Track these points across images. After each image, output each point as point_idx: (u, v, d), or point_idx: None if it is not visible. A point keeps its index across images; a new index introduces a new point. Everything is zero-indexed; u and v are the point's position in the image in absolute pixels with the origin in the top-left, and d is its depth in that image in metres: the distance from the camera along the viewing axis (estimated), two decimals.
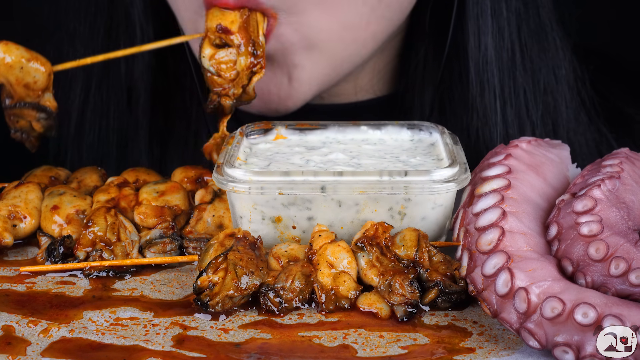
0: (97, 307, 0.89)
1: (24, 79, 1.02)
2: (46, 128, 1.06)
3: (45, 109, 1.05)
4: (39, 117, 1.05)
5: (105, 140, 1.29)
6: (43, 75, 1.03)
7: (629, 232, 0.87)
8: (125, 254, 0.96)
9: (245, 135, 1.06)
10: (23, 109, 1.04)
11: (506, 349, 0.82)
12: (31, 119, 1.05)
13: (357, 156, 1.02)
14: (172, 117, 1.31)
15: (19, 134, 1.07)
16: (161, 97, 1.30)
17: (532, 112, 1.24)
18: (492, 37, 1.21)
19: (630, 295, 0.81)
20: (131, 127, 1.29)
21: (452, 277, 0.89)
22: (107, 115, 1.28)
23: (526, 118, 1.24)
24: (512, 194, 0.92)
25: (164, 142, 1.31)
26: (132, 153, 1.29)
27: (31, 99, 1.04)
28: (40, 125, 1.06)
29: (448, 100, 1.27)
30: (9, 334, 0.84)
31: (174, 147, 1.31)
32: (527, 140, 1.02)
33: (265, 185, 0.93)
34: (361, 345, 0.83)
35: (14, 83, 1.02)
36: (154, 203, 1.01)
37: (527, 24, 1.24)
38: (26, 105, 1.04)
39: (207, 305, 0.86)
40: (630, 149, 1.00)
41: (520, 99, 1.24)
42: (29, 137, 1.07)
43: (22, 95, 1.04)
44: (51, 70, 1.04)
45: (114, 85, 1.28)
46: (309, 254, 0.91)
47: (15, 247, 1.00)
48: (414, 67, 1.28)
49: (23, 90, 1.03)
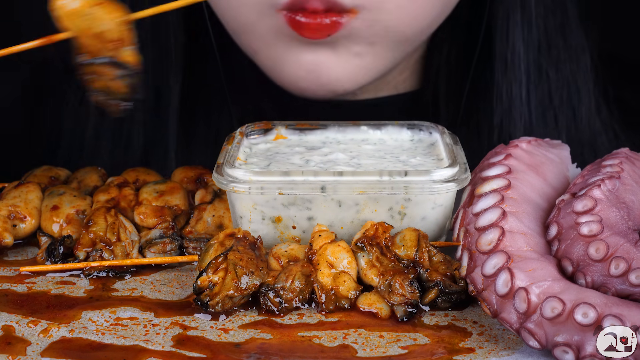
0: (97, 307, 0.89)
1: (92, 28, 0.87)
2: (132, 87, 0.92)
3: (122, 64, 0.90)
4: (118, 74, 0.90)
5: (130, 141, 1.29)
6: (115, 24, 0.88)
7: (629, 232, 0.87)
8: (125, 254, 0.96)
9: (245, 135, 1.06)
10: (97, 65, 0.89)
11: (506, 349, 0.82)
12: (110, 78, 0.90)
13: (357, 156, 1.02)
14: (197, 117, 1.31)
15: (98, 95, 0.92)
16: (188, 98, 1.30)
17: (557, 109, 1.26)
18: (521, 30, 1.22)
19: (630, 295, 0.81)
20: (158, 127, 1.29)
21: (452, 277, 0.89)
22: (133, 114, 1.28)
23: (552, 115, 1.26)
24: (512, 194, 0.92)
25: (189, 142, 1.31)
26: (157, 154, 1.29)
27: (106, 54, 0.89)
28: (121, 85, 0.91)
29: (474, 96, 1.28)
30: (9, 334, 0.84)
31: (199, 147, 1.31)
32: (527, 140, 1.02)
33: (265, 185, 0.93)
34: (361, 345, 0.83)
35: (82, 34, 0.88)
36: (154, 203, 1.01)
37: (554, 18, 1.25)
38: (100, 61, 0.89)
39: (207, 305, 0.86)
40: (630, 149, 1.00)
41: (545, 95, 1.25)
42: (109, 99, 0.92)
43: (95, 49, 0.89)
44: (125, 17, 0.89)
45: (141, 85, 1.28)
46: (309, 254, 0.91)
47: (15, 247, 1.00)
48: (438, 62, 1.30)
49: (95, 42, 0.88)
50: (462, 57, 1.30)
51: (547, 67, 1.25)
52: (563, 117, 1.27)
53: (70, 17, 0.87)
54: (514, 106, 1.24)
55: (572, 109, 1.27)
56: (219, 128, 1.30)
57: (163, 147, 1.28)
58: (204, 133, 1.30)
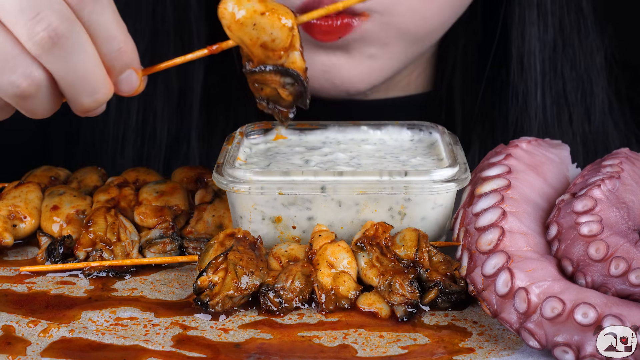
0: (97, 307, 0.89)
1: (259, 38, 0.86)
2: (295, 95, 0.90)
3: (289, 72, 0.88)
4: (284, 82, 0.89)
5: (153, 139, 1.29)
6: (283, 31, 0.86)
7: (629, 232, 0.87)
8: (125, 254, 0.96)
9: (245, 135, 1.06)
10: (264, 74, 0.88)
11: (506, 349, 0.82)
12: (276, 86, 0.89)
13: (357, 156, 1.02)
14: (217, 116, 1.31)
15: (265, 103, 0.91)
16: (210, 97, 1.30)
17: (571, 108, 1.27)
18: (537, 28, 1.23)
19: (630, 295, 0.81)
20: (182, 126, 1.29)
21: (452, 277, 0.89)
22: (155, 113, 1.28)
23: (566, 115, 1.27)
24: (512, 194, 0.92)
25: (209, 140, 1.31)
26: (179, 153, 1.29)
27: (272, 62, 0.88)
28: (288, 93, 0.90)
29: (489, 96, 1.29)
30: (9, 334, 0.84)
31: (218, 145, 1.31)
32: (527, 140, 1.02)
33: (265, 185, 0.93)
34: (361, 345, 0.83)
35: (249, 44, 0.87)
36: (154, 203, 1.01)
37: (569, 16, 1.26)
38: (267, 70, 0.88)
39: (207, 305, 0.86)
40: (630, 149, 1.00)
41: (561, 93, 1.26)
42: (277, 107, 0.92)
43: (261, 57, 0.88)
44: (294, 22, 0.87)
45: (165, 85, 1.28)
46: (309, 254, 0.91)
47: (15, 247, 1.00)
48: (453, 62, 1.31)
49: (261, 51, 0.87)
50: (476, 56, 1.30)
51: (562, 67, 1.26)
52: (577, 116, 1.28)
53: (239, 27, 0.86)
54: (529, 105, 1.25)
55: (585, 109, 1.28)
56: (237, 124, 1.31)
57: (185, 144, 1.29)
58: (222, 129, 1.31)
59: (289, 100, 0.91)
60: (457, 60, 1.31)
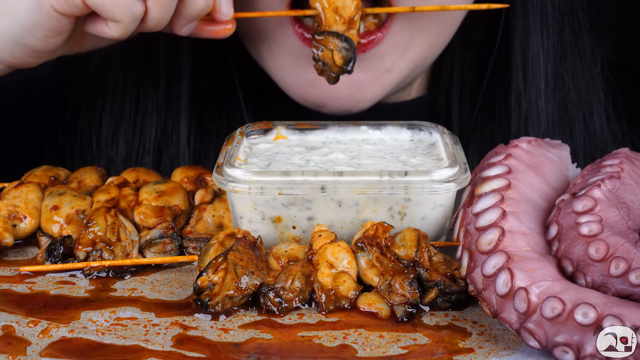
0: (97, 307, 0.89)
1: (334, 2, 1.07)
2: (345, 60, 1.07)
3: (347, 39, 1.07)
4: (341, 46, 1.07)
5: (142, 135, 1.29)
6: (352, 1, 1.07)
7: (629, 232, 0.87)
8: (125, 254, 0.96)
9: (245, 135, 1.06)
10: (330, 35, 1.07)
11: (506, 349, 0.82)
12: (334, 48, 1.07)
13: (357, 156, 1.02)
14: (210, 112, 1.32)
15: (320, 64, 1.09)
16: (201, 92, 1.30)
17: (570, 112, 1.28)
18: (540, 34, 1.25)
19: (630, 295, 0.81)
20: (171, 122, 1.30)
21: (452, 277, 0.89)
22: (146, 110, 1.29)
23: (566, 121, 1.29)
24: (512, 194, 0.92)
25: (202, 137, 1.32)
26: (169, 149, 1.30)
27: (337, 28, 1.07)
28: (340, 56, 1.07)
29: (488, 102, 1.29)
30: (9, 334, 0.84)
31: (212, 141, 1.32)
32: (527, 140, 1.02)
33: (265, 185, 0.93)
34: (361, 345, 0.83)
35: (325, 7, 1.07)
36: (154, 203, 1.01)
37: (569, 24, 1.28)
38: (332, 33, 1.07)
39: (207, 305, 0.86)
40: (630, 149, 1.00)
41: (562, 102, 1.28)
42: (327, 70, 1.09)
43: (330, 22, 1.07)
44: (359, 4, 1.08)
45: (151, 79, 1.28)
46: (309, 254, 0.91)
47: (15, 247, 1.00)
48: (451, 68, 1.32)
49: (332, 16, 1.07)
50: (475, 63, 1.31)
51: (562, 75, 1.27)
52: (577, 123, 1.29)
53: None
54: (529, 112, 1.26)
55: (583, 117, 1.29)
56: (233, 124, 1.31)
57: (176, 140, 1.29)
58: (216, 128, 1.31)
59: (339, 64, 1.08)
60: (455, 68, 1.32)
